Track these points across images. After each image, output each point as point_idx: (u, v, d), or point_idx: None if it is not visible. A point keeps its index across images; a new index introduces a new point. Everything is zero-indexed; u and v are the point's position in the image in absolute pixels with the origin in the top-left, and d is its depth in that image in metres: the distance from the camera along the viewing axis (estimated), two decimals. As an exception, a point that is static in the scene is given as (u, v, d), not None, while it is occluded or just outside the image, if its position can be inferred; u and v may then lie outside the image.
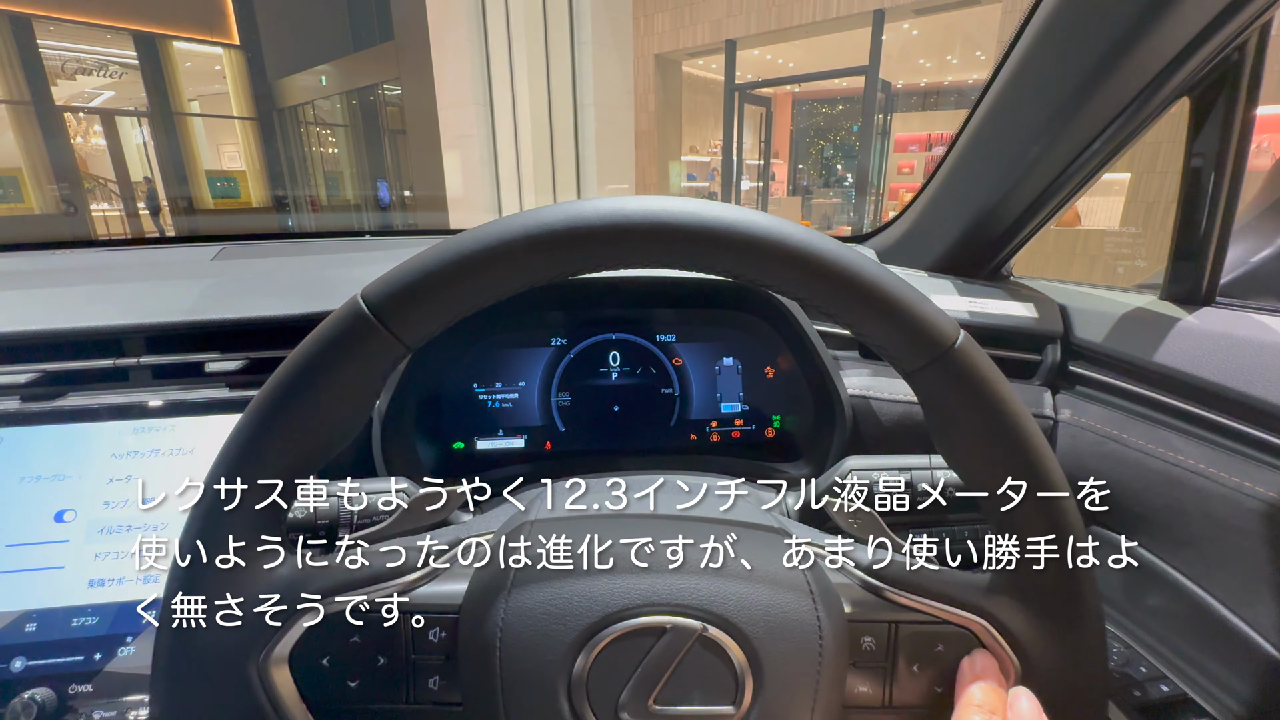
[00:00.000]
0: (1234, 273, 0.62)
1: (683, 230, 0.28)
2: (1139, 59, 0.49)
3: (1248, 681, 0.48)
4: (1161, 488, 0.53)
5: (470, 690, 0.31)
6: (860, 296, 0.29)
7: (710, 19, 7.06)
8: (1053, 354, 0.66)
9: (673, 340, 0.70)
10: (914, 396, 0.32)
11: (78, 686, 0.48)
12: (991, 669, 0.33)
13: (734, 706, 0.30)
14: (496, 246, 0.28)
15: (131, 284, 0.66)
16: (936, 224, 0.76)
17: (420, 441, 0.65)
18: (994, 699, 0.31)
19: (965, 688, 0.32)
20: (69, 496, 0.52)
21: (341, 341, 0.29)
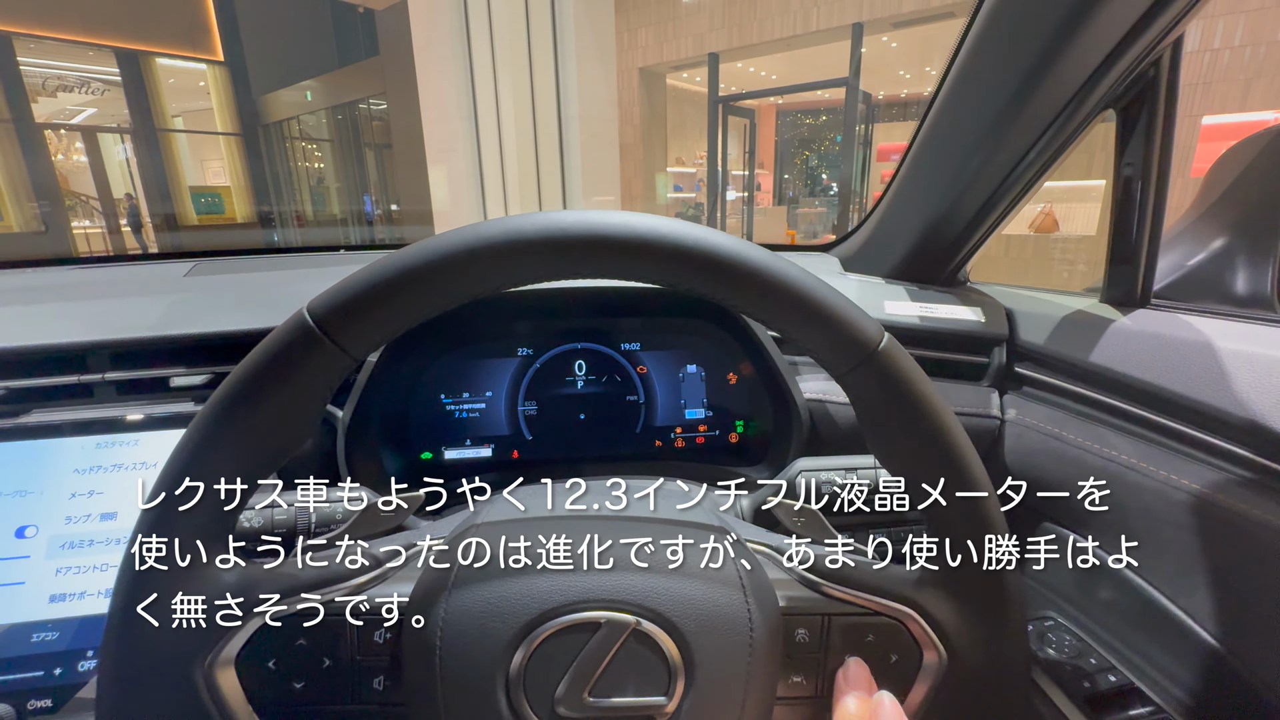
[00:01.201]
0: (1172, 276, 0.65)
1: (615, 241, 0.30)
2: (1063, 71, 0.51)
3: (1189, 669, 0.49)
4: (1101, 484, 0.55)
5: (412, 690, 0.32)
6: (788, 303, 0.30)
7: (693, 33, 7.17)
8: (999, 356, 0.68)
9: (637, 348, 0.72)
10: None
11: (37, 701, 0.48)
12: (863, 678, 0.34)
13: (666, 698, 0.31)
14: (436, 260, 0.29)
15: (100, 300, 0.66)
16: (893, 232, 0.78)
17: (387, 451, 0.66)
18: (864, 708, 0.33)
19: (840, 699, 0.34)
20: (30, 512, 0.52)
21: (287, 352, 0.30)
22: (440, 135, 6.43)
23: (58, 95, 8.32)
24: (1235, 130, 2.67)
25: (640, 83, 7.73)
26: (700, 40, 7.12)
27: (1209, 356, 0.50)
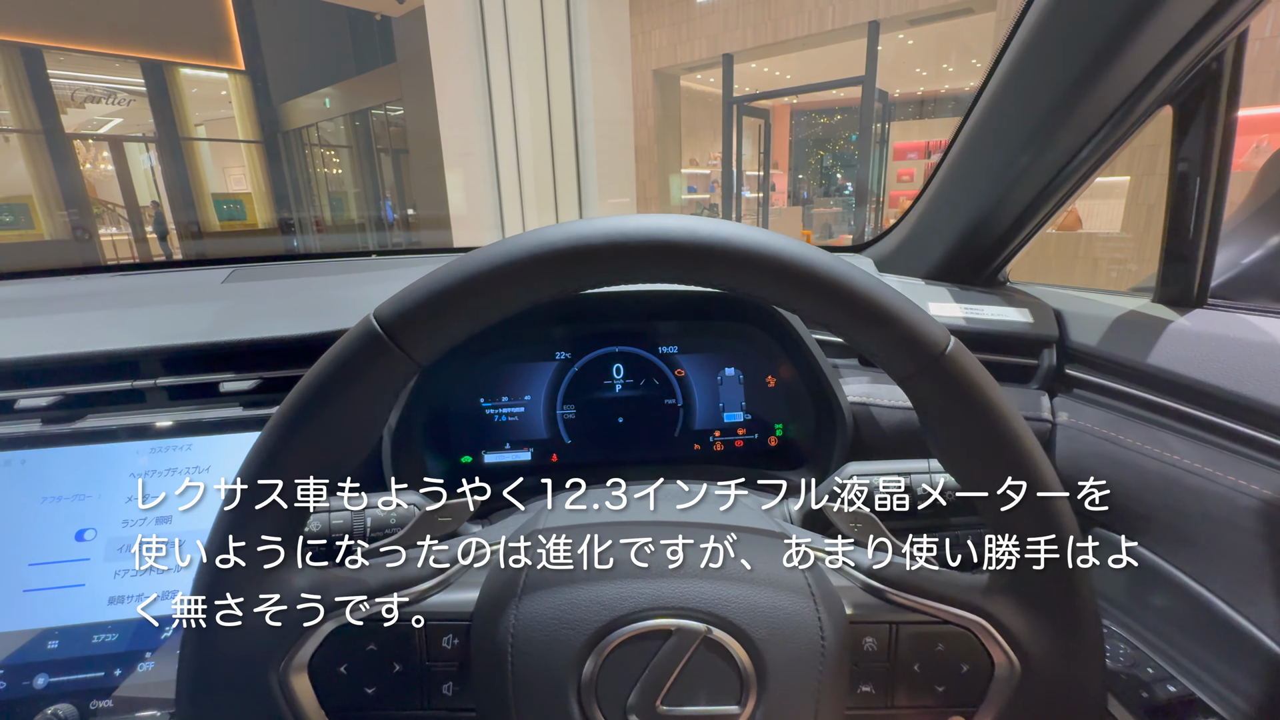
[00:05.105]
0: (1226, 274, 0.63)
1: (679, 246, 0.30)
2: (1122, 68, 0.50)
3: (1253, 679, 0.48)
4: (1159, 488, 0.53)
5: (483, 696, 0.32)
6: (852, 306, 0.30)
7: (707, 34, 7.15)
8: (1049, 358, 0.67)
9: (675, 352, 0.72)
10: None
11: (99, 702, 0.49)
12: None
13: (739, 706, 0.30)
14: (503, 265, 0.30)
15: (146, 308, 0.68)
16: (932, 232, 0.77)
17: (429, 455, 0.66)
18: None
19: None
20: (89, 516, 0.53)
21: (355, 359, 0.30)
22: (457, 140, 6.49)
23: (86, 106, 8.53)
24: (1269, 123, 2.60)
25: (655, 85, 7.72)
26: (714, 41, 7.11)
27: (1274, 357, 0.48)
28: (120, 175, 8.68)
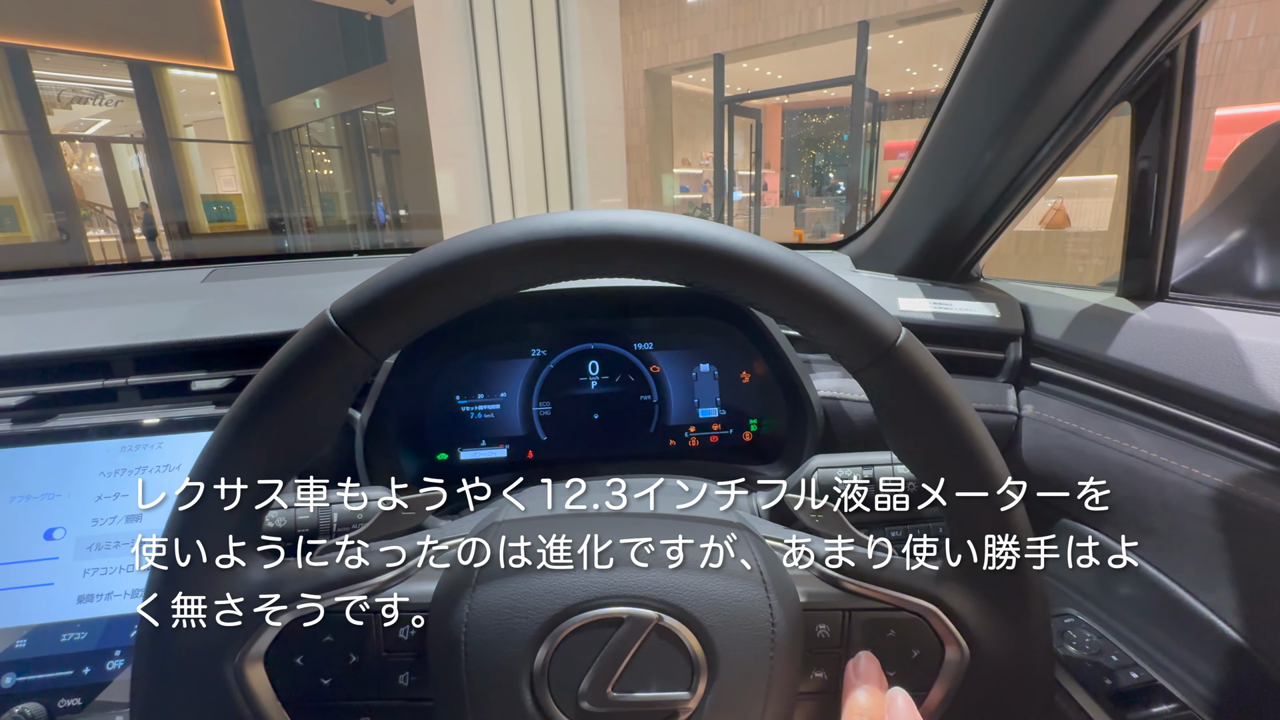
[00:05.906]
0: (1189, 269, 0.64)
1: (632, 240, 0.30)
2: (1076, 65, 0.51)
3: (1213, 664, 0.49)
4: (1121, 478, 0.54)
5: (438, 685, 0.33)
6: (804, 299, 0.31)
7: (698, 34, 7.17)
8: (1015, 352, 0.68)
9: (650, 348, 0.72)
10: None
11: (67, 700, 0.49)
12: (874, 672, 0.34)
13: (689, 693, 0.31)
14: (457, 260, 0.30)
15: (121, 307, 0.67)
16: (905, 229, 0.78)
17: (404, 452, 0.66)
18: (875, 703, 0.32)
19: (850, 692, 0.33)
20: (59, 514, 0.53)
21: (310, 354, 0.30)
22: (448, 140, 6.47)
23: (72, 107, 8.45)
24: (1250, 122, 2.64)
25: (646, 85, 7.73)
26: (705, 41, 7.12)
27: (1230, 349, 0.49)
28: (108, 177, 8.60)
